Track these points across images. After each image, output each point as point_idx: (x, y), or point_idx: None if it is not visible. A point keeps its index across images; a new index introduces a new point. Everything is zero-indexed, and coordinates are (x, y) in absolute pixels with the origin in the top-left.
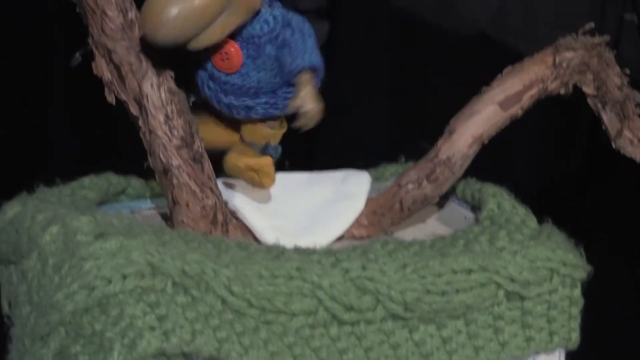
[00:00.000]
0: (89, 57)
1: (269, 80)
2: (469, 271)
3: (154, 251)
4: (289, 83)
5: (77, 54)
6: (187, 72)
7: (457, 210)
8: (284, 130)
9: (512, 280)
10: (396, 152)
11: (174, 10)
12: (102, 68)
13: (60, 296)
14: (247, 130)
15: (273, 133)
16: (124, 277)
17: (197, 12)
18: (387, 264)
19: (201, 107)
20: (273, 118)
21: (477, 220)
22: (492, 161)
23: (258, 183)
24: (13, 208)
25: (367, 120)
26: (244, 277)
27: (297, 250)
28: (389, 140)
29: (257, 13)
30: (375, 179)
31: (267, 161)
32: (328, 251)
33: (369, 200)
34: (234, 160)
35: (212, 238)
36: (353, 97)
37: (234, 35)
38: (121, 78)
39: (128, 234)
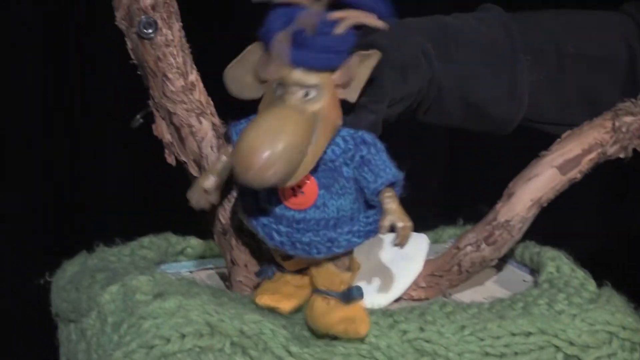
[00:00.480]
0: (149, 119)
1: (349, 207)
2: (528, 334)
3: (213, 311)
4: (368, 205)
5: (138, 116)
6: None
7: (515, 273)
8: (359, 268)
9: (571, 343)
10: (454, 215)
11: (265, 154)
12: (162, 130)
13: (119, 355)
14: (321, 279)
15: (350, 275)
16: (183, 336)
17: (288, 151)
18: (445, 326)
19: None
20: (345, 254)
21: (535, 283)
22: (551, 224)
23: (353, 332)
24: (73, 267)
25: (424, 182)
26: (301, 337)
27: None
28: (447, 202)
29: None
30: (434, 241)
31: (359, 308)
32: (385, 312)
33: (428, 262)
34: (323, 319)
35: None
36: (411, 161)
37: None
38: (181, 140)
39: (187, 294)
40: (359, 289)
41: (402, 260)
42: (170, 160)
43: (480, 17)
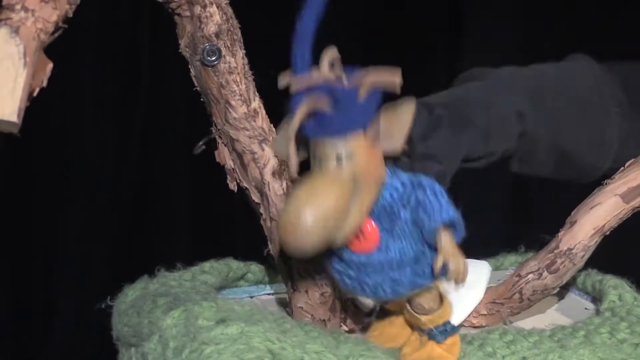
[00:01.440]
0: (212, 145)
1: (411, 248)
2: None
3: (275, 339)
4: (431, 246)
5: (201, 142)
6: None
7: (577, 301)
8: (445, 308)
9: None
10: (516, 242)
11: (309, 219)
12: (224, 156)
13: None
14: (411, 319)
15: (432, 318)
16: None
17: (322, 220)
18: (506, 357)
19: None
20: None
21: (597, 312)
22: (614, 252)
23: None
24: (135, 291)
25: (486, 209)
26: None
27: None
28: (509, 229)
29: (383, 184)
30: (495, 268)
31: (434, 352)
32: None
33: (489, 290)
34: (411, 356)
35: (330, 330)
36: (473, 187)
37: None
38: (243, 166)
39: (249, 320)
40: (444, 329)
41: (463, 287)
42: (232, 186)
43: (571, 66)
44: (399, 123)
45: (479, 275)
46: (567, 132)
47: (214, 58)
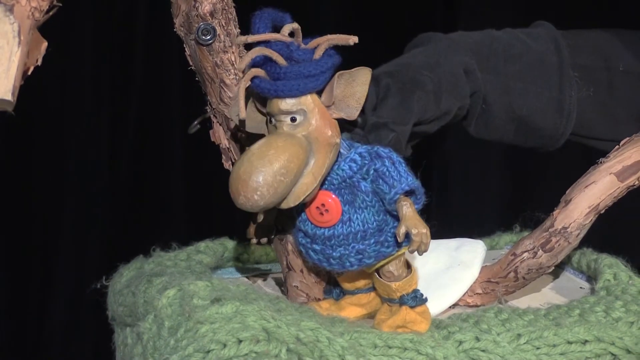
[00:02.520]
0: (206, 124)
1: (374, 219)
2: (584, 342)
3: (270, 317)
4: (392, 215)
5: (196, 122)
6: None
7: (572, 280)
8: (412, 275)
9: (628, 351)
10: (511, 221)
11: (249, 181)
12: (219, 135)
13: (176, 359)
14: (379, 289)
15: (402, 283)
16: (239, 341)
17: (271, 174)
18: (501, 334)
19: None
20: (390, 264)
21: (592, 291)
22: (608, 231)
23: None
24: (130, 271)
25: (481, 188)
26: (358, 346)
27: None
28: (503, 209)
29: (340, 157)
30: (490, 248)
31: (420, 311)
32: (439, 323)
33: (484, 269)
34: (385, 324)
35: None
36: (469, 166)
37: (323, 187)
38: (238, 145)
39: (244, 300)
40: (414, 295)
41: (458, 266)
42: (227, 165)
43: (530, 32)
44: (355, 92)
45: (474, 254)
46: (523, 96)
47: (208, 37)
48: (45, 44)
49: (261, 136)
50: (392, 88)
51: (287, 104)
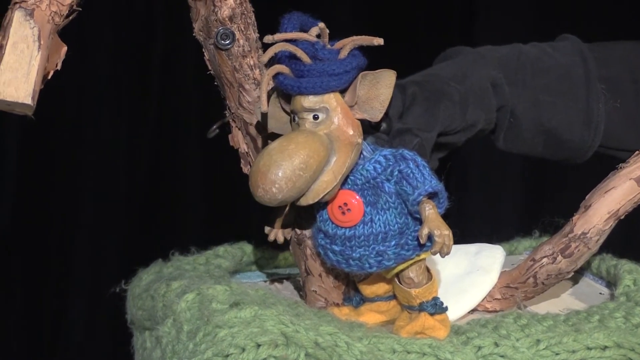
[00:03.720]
0: (225, 129)
1: (395, 221)
2: (604, 348)
3: (288, 321)
4: (415, 218)
5: (214, 126)
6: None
7: (591, 286)
8: (433, 282)
9: None
10: (530, 226)
11: (268, 174)
12: (238, 140)
13: None
14: (399, 295)
15: (422, 290)
16: (258, 346)
17: (289, 169)
18: (520, 340)
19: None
20: (410, 271)
21: (612, 297)
22: (628, 236)
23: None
24: (149, 275)
25: (500, 193)
26: (376, 351)
27: None
28: (523, 214)
29: (362, 158)
30: (509, 253)
31: (427, 322)
32: (458, 329)
33: (503, 274)
34: (403, 330)
35: None
36: (488, 171)
37: (345, 187)
38: (257, 150)
39: (263, 304)
40: (434, 303)
41: (477, 271)
42: (246, 170)
43: (556, 45)
44: (379, 94)
45: (493, 259)
46: (551, 109)
47: (227, 41)
48: (65, 48)
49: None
50: (419, 97)
51: (309, 101)
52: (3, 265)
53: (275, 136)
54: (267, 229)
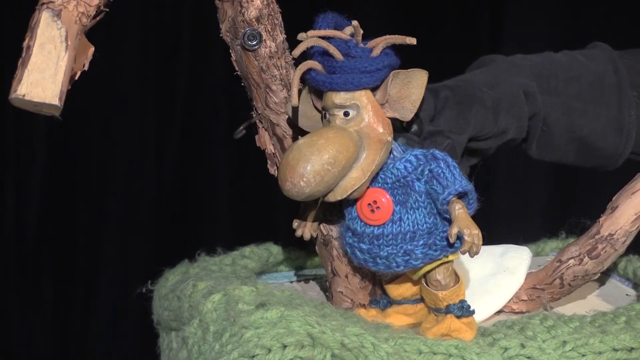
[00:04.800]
0: (252, 130)
1: (424, 220)
2: (630, 349)
3: (314, 322)
4: (443, 219)
5: (241, 127)
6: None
7: (618, 287)
8: (460, 285)
9: None
10: (557, 228)
11: (297, 168)
12: (265, 141)
13: None
14: (426, 298)
15: (449, 292)
16: (284, 346)
17: (318, 164)
18: (546, 341)
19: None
20: (437, 272)
21: (639, 298)
22: None
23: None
24: (175, 276)
25: (526, 195)
26: (402, 352)
27: None
28: (549, 215)
29: (393, 158)
30: (536, 254)
31: (453, 324)
32: (485, 331)
33: (529, 275)
34: (429, 332)
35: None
36: (514, 172)
37: (376, 185)
38: (284, 150)
39: (289, 305)
40: (460, 305)
41: (503, 272)
42: (273, 171)
43: (588, 53)
44: (410, 94)
45: (519, 261)
46: (583, 116)
47: (254, 42)
48: (92, 49)
49: None
50: (451, 100)
51: (341, 97)
52: (31, 267)
53: (301, 134)
54: (295, 222)
